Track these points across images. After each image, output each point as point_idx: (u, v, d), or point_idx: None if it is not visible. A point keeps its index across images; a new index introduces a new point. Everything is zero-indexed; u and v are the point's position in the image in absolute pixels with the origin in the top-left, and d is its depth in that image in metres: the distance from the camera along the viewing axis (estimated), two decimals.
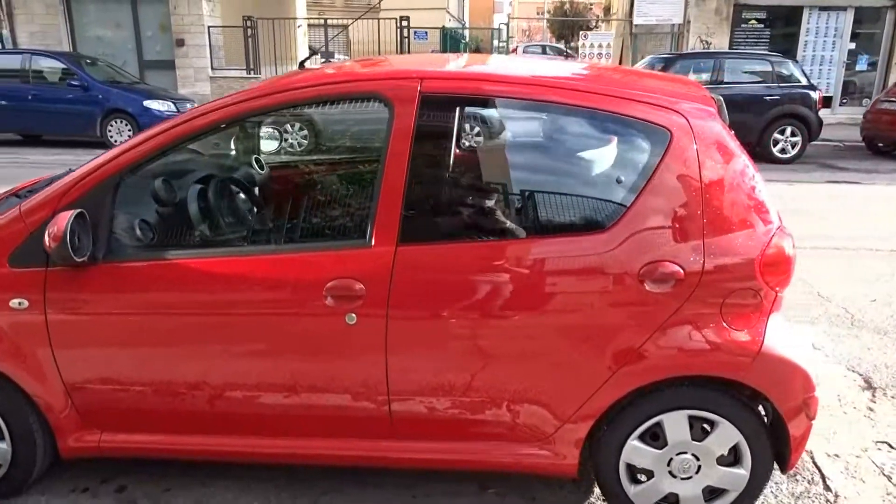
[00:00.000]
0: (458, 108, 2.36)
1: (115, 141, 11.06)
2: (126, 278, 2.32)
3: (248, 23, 15.74)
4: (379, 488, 2.67)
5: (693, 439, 2.33)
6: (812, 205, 7.62)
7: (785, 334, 2.29)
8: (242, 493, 2.65)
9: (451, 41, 17.16)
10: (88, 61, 12.18)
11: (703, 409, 2.30)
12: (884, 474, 2.79)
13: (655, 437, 2.35)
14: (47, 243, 2.15)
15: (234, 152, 3.39)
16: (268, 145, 3.69)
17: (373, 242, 2.23)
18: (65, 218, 2.14)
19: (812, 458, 2.91)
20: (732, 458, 2.37)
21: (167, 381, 2.40)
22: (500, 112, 2.48)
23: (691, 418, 2.32)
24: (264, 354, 2.34)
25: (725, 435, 2.31)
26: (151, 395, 2.42)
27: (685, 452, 2.35)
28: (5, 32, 16.25)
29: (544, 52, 29.28)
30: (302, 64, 2.80)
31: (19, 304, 2.33)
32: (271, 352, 2.34)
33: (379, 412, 2.37)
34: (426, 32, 16.93)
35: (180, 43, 15.77)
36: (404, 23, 15.59)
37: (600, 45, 15.83)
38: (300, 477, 2.71)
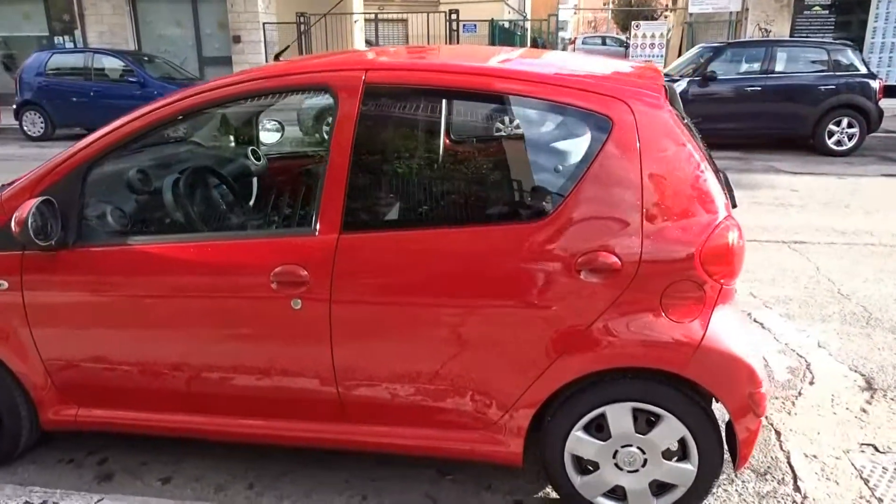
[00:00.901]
0: (401, 99, 2.39)
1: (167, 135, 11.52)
2: (94, 262, 2.46)
3: (301, 18, 16.09)
4: (340, 471, 2.74)
5: (637, 432, 2.30)
6: (859, 200, 7.25)
7: (733, 328, 2.23)
8: (211, 468, 2.78)
9: (501, 34, 17.06)
10: (146, 59, 12.74)
11: (647, 402, 2.26)
12: (861, 477, 2.68)
13: (600, 429, 2.33)
14: (13, 228, 2.31)
15: (232, 144, 3.52)
16: (269, 137, 3.81)
17: (317, 230, 2.30)
18: (29, 204, 2.29)
19: (788, 457, 2.81)
20: (681, 452, 2.32)
21: (131, 360, 2.54)
22: (443, 102, 2.49)
23: (635, 411, 2.29)
24: (219, 336, 2.45)
25: (670, 429, 2.27)
26: (118, 373, 2.56)
27: (630, 445, 2.32)
28: (77, 32, 17.17)
29: (604, 44, 28.75)
30: (277, 57, 2.88)
31: (2, 287, 2.51)
32: (225, 334, 2.44)
33: (329, 395, 2.44)
34: (475, 25, 16.90)
35: (237, 39, 16.29)
36: (453, 16, 15.63)
37: (653, 36, 15.42)
38: (269, 455, 2.81)
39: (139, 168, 2.74)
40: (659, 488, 2.38)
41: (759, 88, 10.06)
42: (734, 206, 2.71)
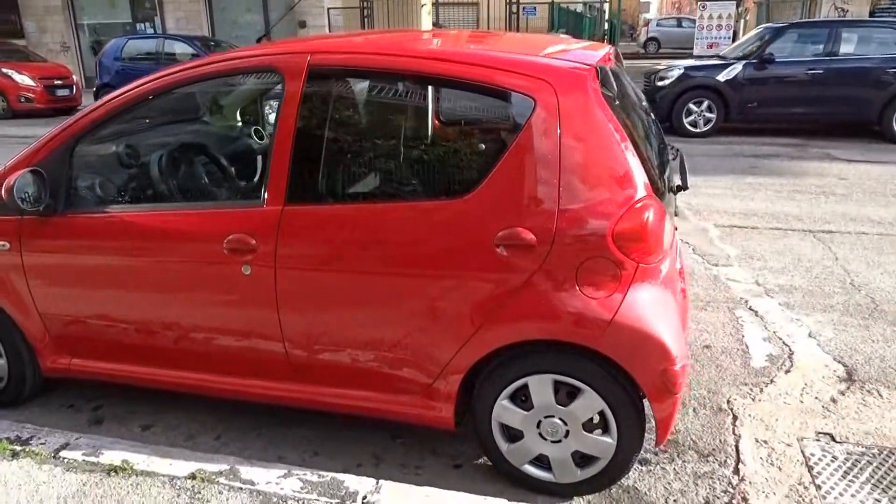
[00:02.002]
0: (342, 80, 2.53)
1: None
2: (78, 227, 2.74)
3: (364, 3, 16.41)
4: (301, 429, 2.94)
5: (558, 404, 2.38)
6: None
7: (650, 306, 2.27)
8: (186, 420, 3.04)
9: (564, 17, 16.83)
10: (213, 44, 13.34)
11: (567, 374, 2.34)
12: (807, 465, 2.66)
13: (524, 399, 2.43)
14: (2, 195, 2.60)
15: (239, 124, 3.76)
16: (273, 117, 4.03)
17: (265, 202, 2.49)
18: (16, 174, 2.58)
19: (737, 441, 2.81)
20: (602, 426, 2.39)
21: (110, 316, 2.81)
22: (379, 83, 2.61)
23: (557, 383, 2.37)
24: (181, 298, 2.68)
25: (589, 402, 2.35)
26: (99, 328, 2.85)
27: (552, 416, 2.41)
28: (157, 19, 18.12)
29: (679, 26, 27.81)
30: (259, 40, 3.07)
31: (2, 245, 2.83)
32: (187, 296, 2.67)
33: (279, 356, 2.63)
34: (535, 8, 16.76)
35: (302, 24, 16.79)
36: None
37: (720, 16, 14.84)
38: (240, 411, 3.04)
39: (127, 143, 3.01)
40: (582, 459, 2.46)
41: (820, 71, 9.59)
42: (685, 188, 2.75)
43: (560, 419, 2.40)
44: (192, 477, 2.45)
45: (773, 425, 2.92)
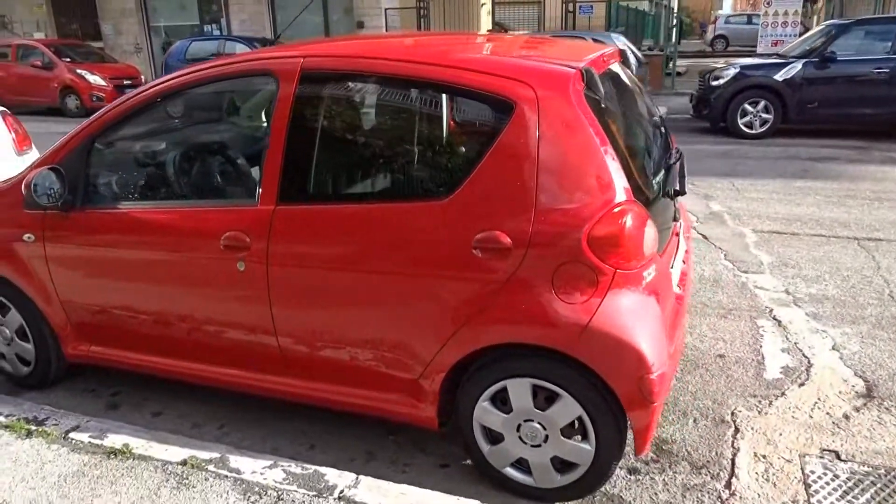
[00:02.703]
0: (330, 83, 2.57)
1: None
2: (94, 222, 2.90)
3: (421, 3, 16.54)
4: (300, 422, 3.02)
5: (536, 408, 2.37)
6: None
7: (628, 313, 2.23)
8: (194, 409, 3.17)
9: (622, 14, 16.53)
10: (271, 44, 13.72)
11: (545, 379, 2.33)
12: (805, 482, 2.56)
13: (504, 402, 2.43)
14: (23, 191, 2.78)
15: (247, 125, 3.88)
16: None
17: (259, 201, 2.57)
18: (35, 172, 2.76)
19: (734, 455, 2.73)
20: (582, 432, 2.37)
21: (120, 306, 2.97)
22: (366, 86, 2.65)
23: (535, 387, 2.36)
24: (183, 292, 2.80)
25: (566, 408, 2.33)
26: (112, 317, 3.01)
27: (532, 420, 2.40)
28: (223, 21, 18.76)
29: (749, 23, 26.87)
30: (273, 42, 3.17)
31: (28, 237, 3.02)
32: (189, 290, 2.78)
33: (272, 350, 2.72)
34: (591, 7, 16.50)
35: (360, 25, 17.06)
36: None
37: (785, 13, 14.25)
38: (244, 404, 3.14)
39: (138, 143, 3.16)
40: (562, 465, 2.44)
41: (887, 70, 9.10)
42: (681, 192, 2.68)
43: (539, 423, 2.39)
44: (184, 463, 2.56)
45: (776, 440, 2.82)
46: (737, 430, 2.90)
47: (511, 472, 2.52)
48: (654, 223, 2.31)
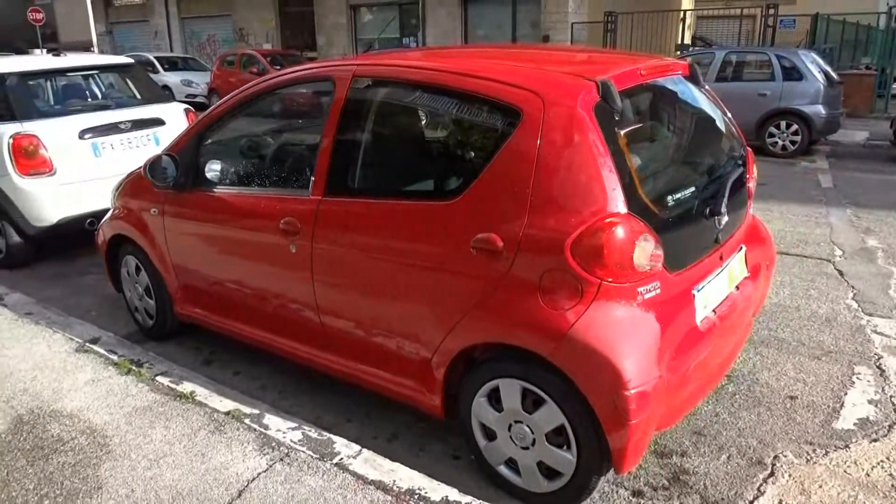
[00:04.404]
0: (372, 90, 2.78)
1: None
2: (194, 200, 3.42)
3: (609, 18, 16.34)
4: (346, 399, 3.30)
5: (524, 410, 2.42)
6: None
7: (611, 327, 2.20)
8: (265, 373, 3.59)
9: (831, 28, 14.93)
10: None
11: (532, 383, 2.37)
12: None
13: (498, 401, 2.51)
14: (142, 172, 3.37)
15: None
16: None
17: (311, 193, 2.90)
18: (152, 158, 3.33)
19: (755, 498, 2.53)
20: (566, 441, 2.37)
21: (212, 275, 3.47)
22: (401, 93, 2.82)
23: (525, 390, 2.41)
24: (254, 265, 3.21)
25: (550, 414, 2.35)
26: (205, 283, 3.52)
27: (521, 422, 2.45)
28: (419, 34, 19.98)
29: None
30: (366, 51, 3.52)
31: (154, 211, 3.64)
32: (258, 264, 3.19)
33: (315, 323, 3.03)
34: (794, 21, 15.11)
35: (545, 39, 17.24)
36: (771, 11, 14.27)
37: None
38: (306, 375, 3.49)
39: (250, 137, 3.65)
40: (549, 471, 2.45)
41: None
42: (715, 213, 2.58)
43: (528, 427, 2.43)
44: (228, 413, 2.95)
45: (812, 491, 2.56)
46: (772, 473, 2.67)
47: (504, 470, 2.58)
48: (655, 239, 2.25)
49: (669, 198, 2.44)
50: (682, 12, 19.01)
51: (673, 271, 2.40)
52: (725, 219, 2.64)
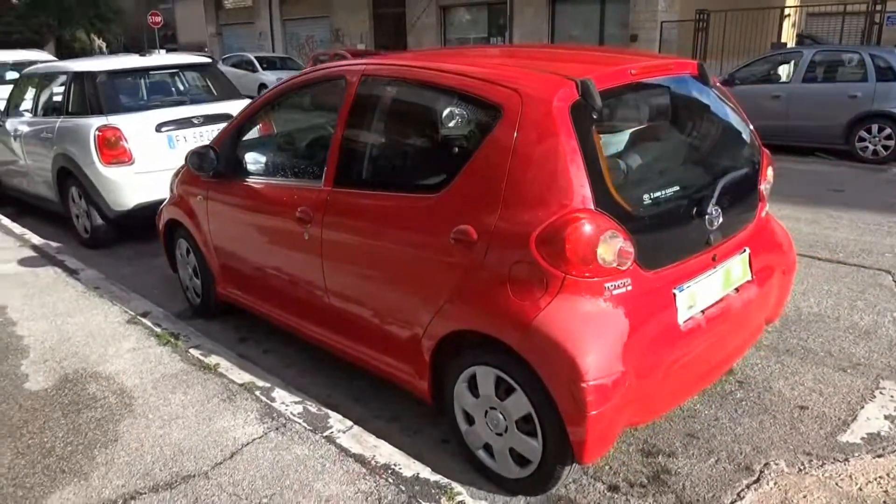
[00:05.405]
0: (376, 88, 2.93)
1: None
2: (230, 188, 3.71)
3: (700, 16, 15.79)
4: (360, 381, 3.47)
5: (497, 397, 2.51)
6: None
7: (573, 319, 2.25)
8: (293, 353, 3.83)
9: None
10: None
11: (503, 371, 2.46)
12: None
13: (475, 387, 2.61)
14: (185, 161, 3.69)
15: None
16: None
17: (322, 184, 3.10)
18: (195, 149, 3.65)
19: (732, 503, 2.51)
20: (534, 429, 2.44)
21: (243, 256, 3.75)
22: (401, 92, 2.94)
23: (498, 378, 2.50)
24: (276, 250, 3.46)
25: (519, 402, 2.43)
26: (241, 265, 3.80)
27: (496, 409, 2.54)
28: (507, 33, 20.05)
29: None
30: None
31: (200, 198, 3.97)
32: (279, 249, 3.44)
33: (323, 303, 3.23)
34: None
35: (633, 38, 16.88)
36: (878, 7, 13.37)
37: None
38: (324, 359, 3.70)
39: (285, 132, 3.91)
40: (520, 458, 2.53)
41: None
42: (702, 214, 2.58)
43: (501, 413, 2.52)
44: (242, 385, 3.20)
45: (795, 501, 2.50)
46: (757, 480, 2.63)
47: (482, 454, 2.68)
48: (624, 236, 2.29)
49: (647, 196, 2.45)
50: (782, 9, 18.11)
51: (649, 269, 2.42)
52: (719, 220, 2.62)
